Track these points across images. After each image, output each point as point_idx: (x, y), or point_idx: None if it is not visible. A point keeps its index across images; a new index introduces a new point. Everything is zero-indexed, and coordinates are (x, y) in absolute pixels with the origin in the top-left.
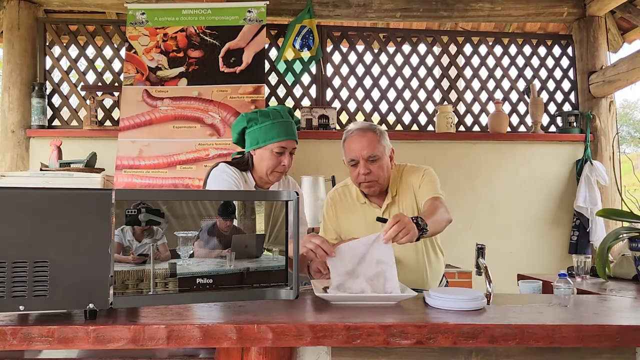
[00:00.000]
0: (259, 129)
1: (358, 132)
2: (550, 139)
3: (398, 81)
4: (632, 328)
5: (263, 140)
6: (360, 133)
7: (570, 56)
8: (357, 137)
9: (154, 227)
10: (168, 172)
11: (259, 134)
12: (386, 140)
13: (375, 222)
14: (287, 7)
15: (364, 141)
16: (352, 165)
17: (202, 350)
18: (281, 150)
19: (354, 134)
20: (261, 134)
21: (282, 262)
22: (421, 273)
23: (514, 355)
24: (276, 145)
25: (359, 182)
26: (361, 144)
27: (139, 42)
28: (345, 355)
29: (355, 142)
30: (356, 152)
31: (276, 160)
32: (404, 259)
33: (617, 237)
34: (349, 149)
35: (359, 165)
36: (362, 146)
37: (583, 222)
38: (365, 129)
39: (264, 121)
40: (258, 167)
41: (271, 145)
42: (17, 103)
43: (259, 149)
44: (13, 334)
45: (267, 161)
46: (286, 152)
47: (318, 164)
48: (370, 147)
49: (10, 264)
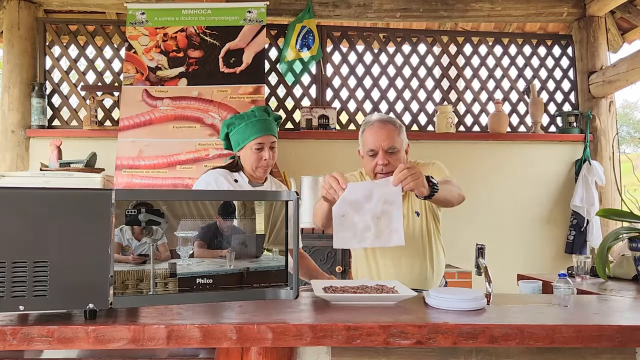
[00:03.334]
0: (237, 131)
1: (378, 123)
2: (550, 139)
3: (398, 81)
4: (632, 328)
5: (242, 140)
6: (381, 125)
7: (570, 56)
8: (377, 128)
9: (154, 227)
10: (168, 172)
11: (238, 136)
12: (404, 135)
13: None
14: (287, 7)
15: (384, 133)
16: (370, 156)
17: (202, 350)
18: (259, 146)
19: (374, 125)
20: (239, 135)
21: (282, 262)
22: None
23: (513, 355)
24: (253, 142)
25: (375, 172)
26: (382, 136)
27: (139, 42)
28: (345, 355)
29: (376, 133)
30: (376, 143)
31: (257, 156)
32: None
33: (617, 237)
34: (369, 140)
35: (378, 156)
36: (382, 137)
37: (579, 221)
38: (385, 121)
39: (240, 123)
40: (245, 166)
41: (249, 144)
42: (17, 103)
43: (242, 150)
44: (13, 334)
45: (250, 159)
46: (265, 147)
47: (318, 164)
48: (390, 139)
49: (10, 264)
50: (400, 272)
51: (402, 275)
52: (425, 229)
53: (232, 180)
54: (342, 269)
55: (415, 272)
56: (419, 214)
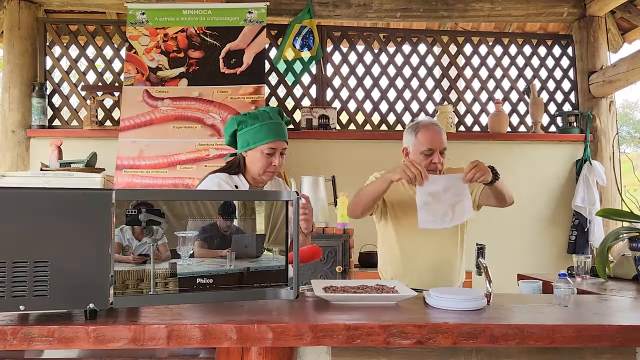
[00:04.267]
0: (249, 131)
1: (434, 125)
2: (550, 139)
3: (398, 81)
4: (632, 328)
5: (253, 142)
6: (436, 128)
7: (570, 56)
8: (433, 130)
9: (154, 227)
10: (168, 172)
11: (249, 136)
12: None
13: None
14: (287, 7)
15: (440, 135)
16: (426, 154)
17: (202, 350)
18: (271, 151)
19: (430, 128)
20: (251, 136)
21: (282, 262)
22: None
23: (513, 355)
24: (266, 146)
25: (430, 169)
26: (440, 138)
27: (139, 42)
28: (345, 355)
29: (434, 135)
30: (435, 144)
31: (267, 160)
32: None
33: (617, 237)
34: (427, 139)
35: (434, 155)
36: (439, 139)
37: (582, 221)
38: (436, 124)
39: (253, 123)
40: (250, 168)
41: (261, 147)
42: (17, 103)
43: (250, 151)
44: (13, 334)
45: (258, 162)
46: (276, 153)
47: (318, 164)
48: (444, 141)
49: (11, 264)
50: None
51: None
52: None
53: (233, 187)
54: (342, 269)
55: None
56: None
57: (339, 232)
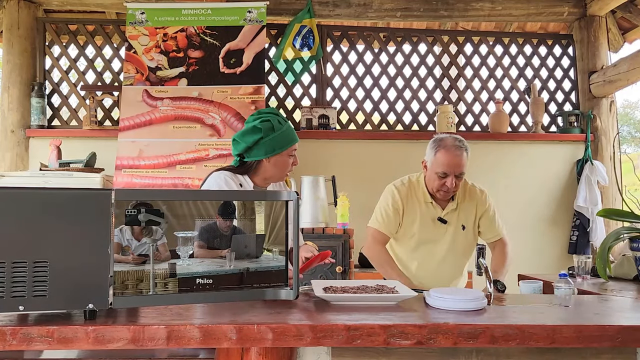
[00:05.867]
0: (276, 138)
1: (455, 149)
2: (551, 138)
3: (398, 81)
4: (633, 328)
5: (280, 146)
6: (458, 152)
7: (570, 56)
8: (453, 155)
9: (153, 227)
10: (168, 172)
11: (276, 142)
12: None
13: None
14: (287, 7)
15: (460, 160)
16: (440, 176)
17: (202, 350)
18: (294, 152)
19: (451, 150)
20: (278, 141)
21: (282, 262)
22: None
23: (514, 355)
24: (291, 149)
25: (442, 191)
26: (457, 162)
27: (139, 42)
28: (345, 356)
29: (452, 158)
30: (451, 168)
31: (290, 162)
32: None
33: (618, 237)
34: (443, 162)
35: (449, 179)
36: (457, 164)
37: (583, 222)
38: (460, 146)
39: (280, 128)
40: (270, 171)
41: (288, 150)
42: (16, 103)
43: (276, 156)
44: (13, 334)
45: (285, 165)
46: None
47: (318, 164)
48: (462, 166)
49: (10, 264)
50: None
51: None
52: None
53: (238, 185)
54: (342, 269)
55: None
56: (464, 228)
57: (339, 232)
